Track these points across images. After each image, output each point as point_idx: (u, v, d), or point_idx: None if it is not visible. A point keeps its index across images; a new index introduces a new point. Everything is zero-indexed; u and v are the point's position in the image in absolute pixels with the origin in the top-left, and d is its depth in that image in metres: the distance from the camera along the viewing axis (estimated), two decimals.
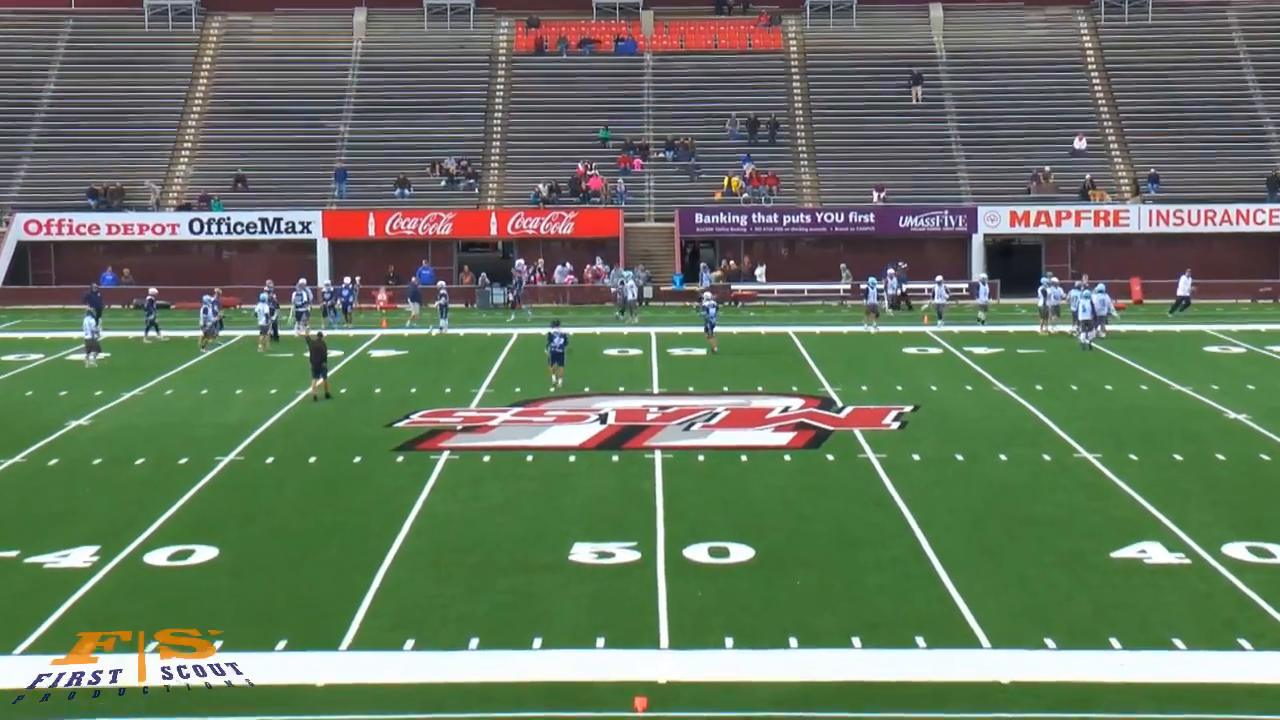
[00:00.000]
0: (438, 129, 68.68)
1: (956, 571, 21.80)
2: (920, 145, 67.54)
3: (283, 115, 69.11)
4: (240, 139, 68.14)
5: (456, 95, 70.59)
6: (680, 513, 25.50)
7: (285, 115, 69.15)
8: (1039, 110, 69.07)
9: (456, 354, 46.17)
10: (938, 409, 35.43)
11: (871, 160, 66.65)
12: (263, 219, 62.82)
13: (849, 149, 67.64)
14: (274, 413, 35.50)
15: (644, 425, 33.51)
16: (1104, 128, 68.65)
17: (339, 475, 28.77)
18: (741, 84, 70.68)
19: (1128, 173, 66.63)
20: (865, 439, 31.61)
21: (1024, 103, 69.38)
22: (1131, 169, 66.74)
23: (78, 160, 66.95)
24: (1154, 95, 69.38)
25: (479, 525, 24.86)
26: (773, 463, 29.49)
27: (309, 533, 24.49)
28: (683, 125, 68.92)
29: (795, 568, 22.17)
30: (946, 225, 62.69)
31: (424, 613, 20.23)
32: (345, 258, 62.77)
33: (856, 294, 60.13)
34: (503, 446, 31.31)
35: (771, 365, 43.10)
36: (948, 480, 27.92)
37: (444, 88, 70.77)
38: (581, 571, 22.13)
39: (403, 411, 35.27)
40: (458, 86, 71.01)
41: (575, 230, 63.06)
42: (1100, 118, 69.09)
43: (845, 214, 62.97)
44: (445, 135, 68.44)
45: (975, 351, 45.34)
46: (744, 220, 63.17)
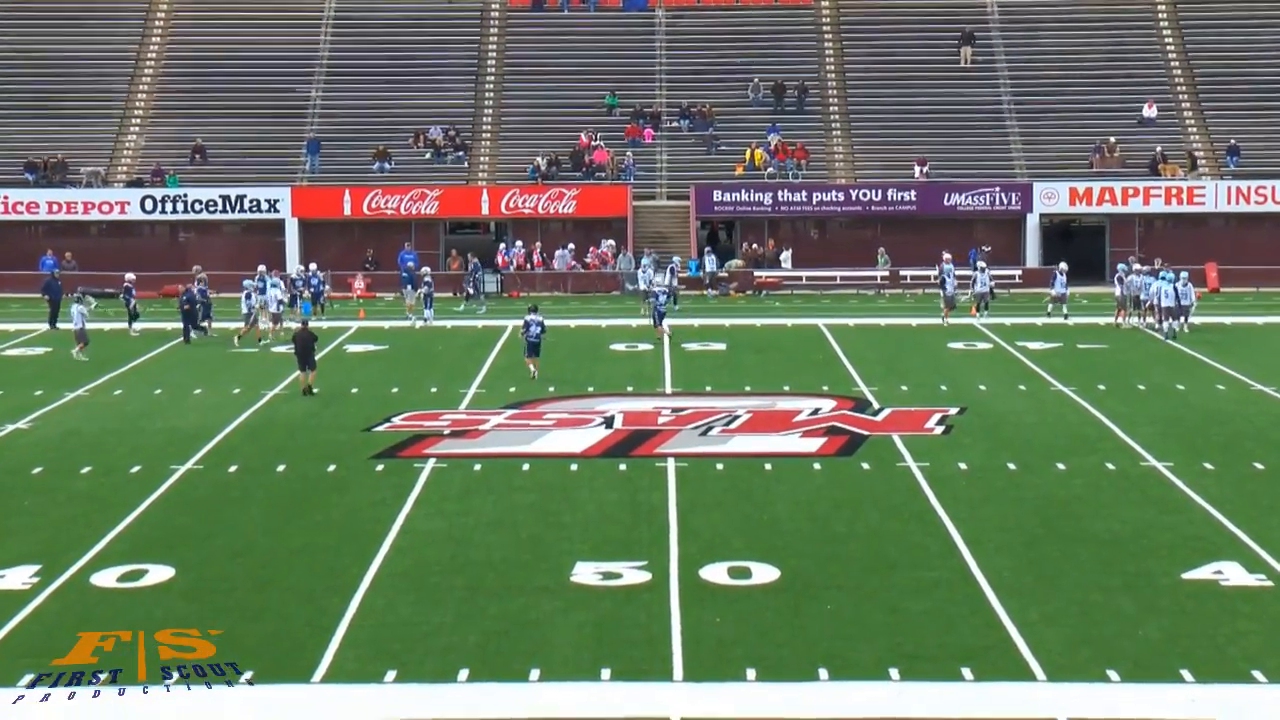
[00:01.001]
0: (422, 95, 68.81)
1: (1008, 596, 21.81)
2: (969, 113, 67.64)
3: (246, 79, 69.27)
4: (198, 106, 68.27)
5: (443, 57, 70.73)
6: (696, 529, 25.52)
7: (249, 79, 69.32)
8: (1103, 73, 69.15)
9: (443, 349, 46.15)
10: (987, 412, 35.49)
11: (913, 131, 66.72)
12: (224, 196, 63.05)
13: (888, 118, 67.72)
14: (237, 416, 35.46)
15: (655, 430, 33.53)
16: (1177, 93, 68.66)
17: (310, 487, 28.82)
18: (766, 44, 70.77)
19: (1204, 144, 66.55)
20: (905, 446, 31.66)
21: (1086, 65, 69.43)
22: (1208, 140, 66.68)
23: (12, 130, 67.17)
24: (1234, 56, 69.37)
25: (469, 543, 24.88)
26: (800, 472, 29.54)
27: (276, 552, 24.54)
28: (699, 91, 69.01)
29: (825, 591, 22.22)
30: (998, 204, 62.80)
31: (407, 642, 20.24)
32: (317, 240, 63.10)
33: (895, 281, 60.09)
34: (495, 454, 31.34)
35: (799, 362, 43.09)
36: (998, 493, 27.97)
37: (429, 48, 70.89)
38: (584, 595, 22.16)
39: (382, 414, 35.35)
40: (444, 47, 71.14)
41: (578, 209, 63.25)
42: (1173, 82, 69.09)
43: (883, 191, 63.04)
44: (430, 102, 68.54)
45: (1030, 347, 45.31)
46: (768, 199, 63.21)
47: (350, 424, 34.39)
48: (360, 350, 46.02)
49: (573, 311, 54.49)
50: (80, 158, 65.72)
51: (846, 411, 35.46)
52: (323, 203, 63.38)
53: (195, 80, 69.24)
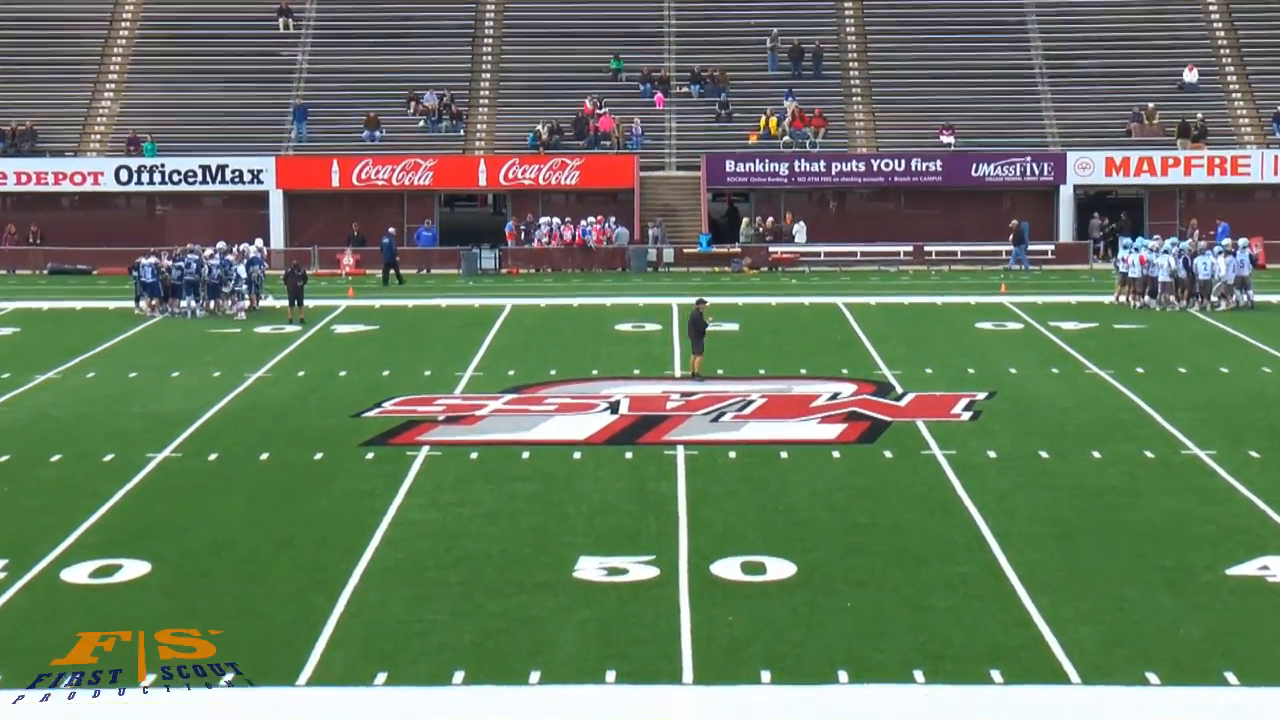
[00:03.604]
0: (415, 58, 68.74)
1: (1040, 592, 21.81)
2: (998, 77, 67.60)
3: (228, 41, 69.15)
4: (177, 69, 68.17)
5: (438, 17, 70.65)
6: (707, 521, 25.52)
7: (231, 41, 69.19)
8: (1142, 35, 69.01)
9: (438, 329, 46.17)
10: (1018, 396, 35.46)
11: (939, 96, 66.69)
12: (204, 166, 63.01)
13: (912, 82, 67.64)
14: (218, 400, 35.40)
15: (663, 416, 33.50)
16: (1220, 57, 68.51)
17: (296, 476, 28.81)
18: (783, 3, 70.61)
19: (1248, 111, 66.41)
20: (930, 432, 31.69)
21: (1124, 26, 69.24)
22: (1253, 106, 66.56)
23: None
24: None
25: (465, 536, 24.87)
26: (818, 460, 29.55)
27: (260, 545, 24.52)
28: (711, 54, 68.91)
29: (845, 588, 22.23)
30: (1029, 174, 62.76)
31: (399, 641, 20.25)
32: (304, 213, 63.14)
33: (920, 257, 59.91)
34: (494, 441, 31.32)
35: (817, 343, 43.07)
36: (1030, 482, 27.96)
37: (423, 8, 70.81)
38: (588, 591, 22.16)
39: (373, 399, 35.34)
40: (439, 6, 71.06)
41: (581, 180, 63.20)
42: (1215, 44, 68.94)
43: (906, 161, 63.03)
44: (424, 66, 68.46)
45: (1063, 326, 45.19)
46: (784, 169, 63.14)
47: (339, 409, 34.37)
48: (349, 331, 45.95)
49: (574, 290, 54.49)
50: (51, 125, 65.59)
51: (868, 396, 35.41)
52: (309, 173, 63.34)
53: (174, 42, 69.13)
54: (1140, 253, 49.47)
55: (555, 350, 41.73)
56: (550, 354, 41.12)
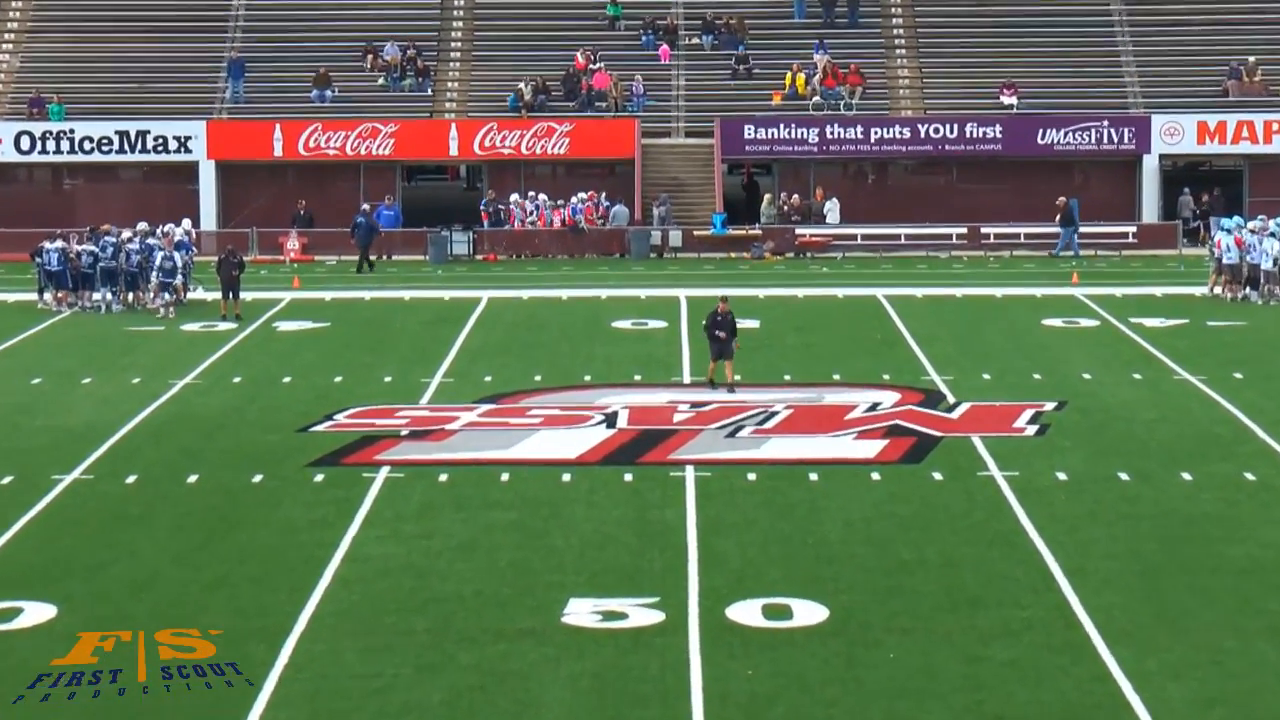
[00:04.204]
0: (373, 3, 68.69)
1: (1120, 642, 21.80)
2: (1069, 28, 67.51)
3: None
4: (89, 17, 68.23)
5: None
6: (722, 556, 25.55)
7: None
8: None
9: (401, 327, 46.31)
10: (1092, 406, 35.57)
11: (999, 50, 66.66)
12: (121, 133, 63.29)
13: (966, 32, 67.83)
14: (137, 412, 35.41)
15: (670, 430, 33.68)
16: None
17: (231, 502, 28.81)
18: None
19: None
20: (988, 450, 31.81)
21: None
22: None
23: None
24: None
25: (433, 574, 24.88)
26: (854, 484, 29.62)
27: (188, 585, 24.47)
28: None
29: (887, 636, 22.19)
30: (1106, 142, 63.03)
31: (354, 700, 20.14)
32: (240, 188, 63.43)
33: (974, 240, 59.79)
34: (467, 460, 31.45)
35: (853, 343, 43.25)
36: (1107, 510, 28.02)
37: None
38: (580, 640, 22.13)
39: (323, 410, 35.51)
40: None
41: (571, 149, 63.42)
42: None
43: (959, 127, 63.17)
44: (384, 13, 68.50)
45: (1147, 324, 45.33)
46: (813, 135, 63.27)
47: (282, 422, 34.47)
48: (295, 328, 46.10)
49: (563, 280, 54.59)
50: None
51: (913, 407, 35.59)
52: (247, 141, 63.53)
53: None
54: (1238, 235, 49.42)
55: (540, 352, 41.91)
56: (534, 356, 41.26)
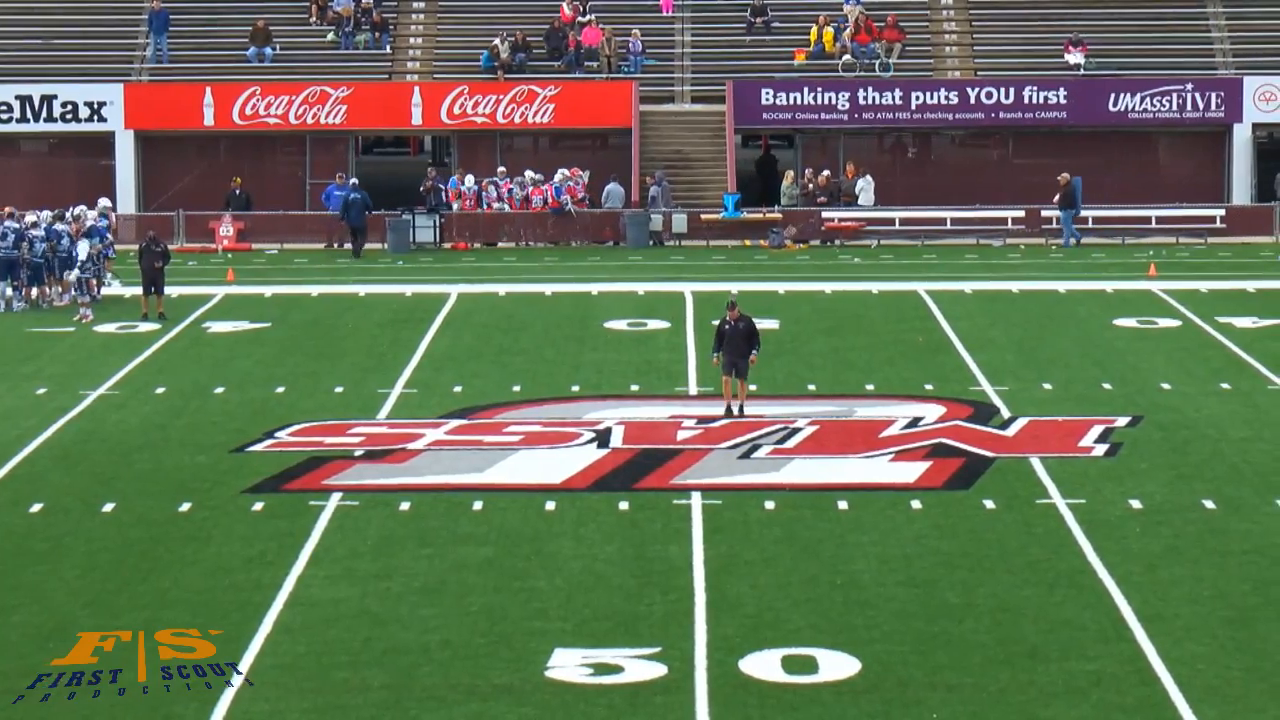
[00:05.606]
0: None
1: (1205, 699, 21.13)
2: None
3: None
4: None
5: None
6: (735, 599, 24.94)
7: None
8: None
9: (354, 328, 45.56)
10: (1173, 422, 35.02)
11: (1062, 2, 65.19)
12: (23, 98, 61.80)
13: None
14: (43, 429, 35.00)
15: (672, 450, 33.15)
16: None
17: (154, 535, 28.16)
18: None
19: None
20: (1050, 473, 31.11)
21: None
22: None
23: None
24: None
25: (392, 621, 24.23)
26: (892, 513, 29.01)
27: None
28: None
29: (930, 693, 21.53)
30: (1189, 109, 61.66)
31: None
32: (164, 163, 62.22)
33: (1033, 225, 59.01)
34: (433, 486, 30.93)
35: (890, 348, 42.54)
36: (1190, 545, 27.43)
37: None
38: (567, 698, 21.43)
39: (262, 427, 35.08)
40: None
41: (557, 117, 62.12)
42: None
43: (1016, 91, 61.72)
44: None
45: (1236, 324, 44.75)
46: (843, 101, 61.95)
47: (214, 440, 33.91)
48: (229, 330, 45.39)
49: (550, 273, 54.13)
50: None
51: (961, 422, 35.06)
52: (172, 107, 62.41)
53: None
54: None
55: (520, 358, 41.29)
56: (513, 363, 40.70)
